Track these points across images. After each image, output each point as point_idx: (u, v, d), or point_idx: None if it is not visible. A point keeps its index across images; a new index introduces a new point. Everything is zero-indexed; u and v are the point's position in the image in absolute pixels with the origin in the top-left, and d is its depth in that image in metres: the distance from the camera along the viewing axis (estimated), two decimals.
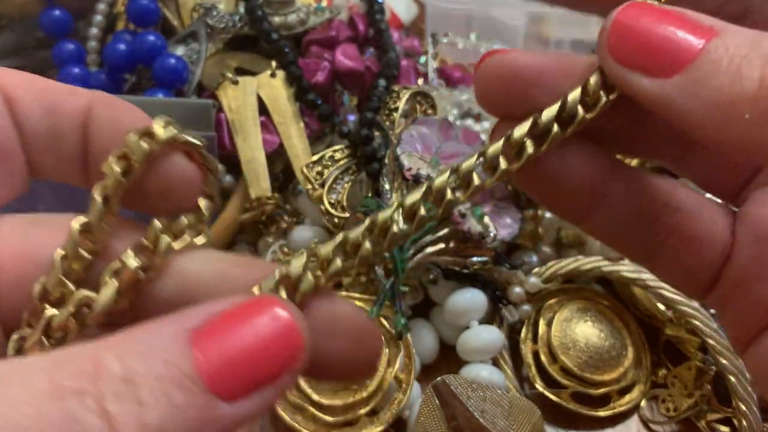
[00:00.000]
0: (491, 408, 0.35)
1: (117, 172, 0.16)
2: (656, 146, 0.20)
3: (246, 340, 0.14)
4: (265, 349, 0.14)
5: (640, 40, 0.17)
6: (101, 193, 0.16)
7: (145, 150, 0.16)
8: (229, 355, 0.14)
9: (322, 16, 0.49)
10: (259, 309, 0.14)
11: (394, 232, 0.17)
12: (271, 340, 0.14)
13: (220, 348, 0.14)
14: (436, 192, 0.17)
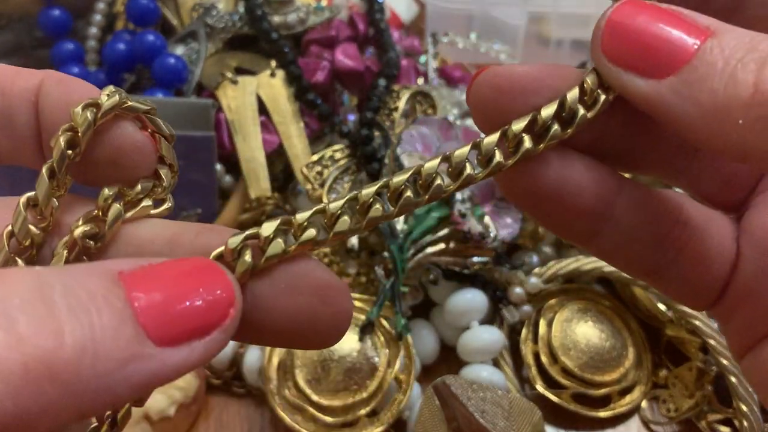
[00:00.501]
0: (492, 409, 0.35)
1: (62, 145, 0.15)
2: (657, 159, 0.19)
3: (176, 289, 0.14)
4: (195, 300, 0.14)
5: (635, 40, 0.16)
6: (48, 167, 0.16)
7: (88, 120, 0.15)
8: (157, 300, 0.13)
9: (322, 15, 0.49)
10: (192, 264, 0.14)
11: (377, 212, 0.16)
12: (202, 292, 0.14)
13: (150, 291, 0.13)
14: (425, 176, 0.16)
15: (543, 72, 0.18)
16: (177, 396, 0.37)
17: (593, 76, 0.17)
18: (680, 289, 0.19)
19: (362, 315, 0.37)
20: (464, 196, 0.38)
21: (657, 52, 0.16)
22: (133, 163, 0.17)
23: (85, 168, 0.17)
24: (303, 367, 0.36)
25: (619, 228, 0.18)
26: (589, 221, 0.18)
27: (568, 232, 0.19)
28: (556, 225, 0.19)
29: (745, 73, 0.15)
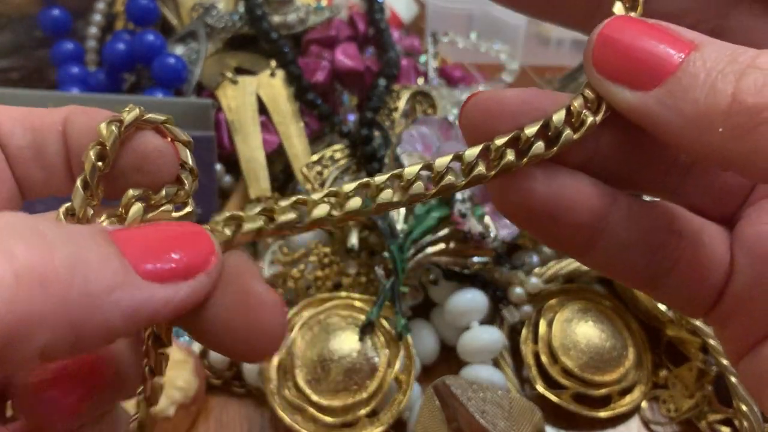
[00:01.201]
0: (492, 409, 0.35)
1: (92, 158, 0.17)
2: (650, 178, 0.19)
3: (160, 239, 0.16)
4: (178, 249, 0.15)
5: (623, 53, 0.17)
6: (81, 179, 0.17)
7: (113, 133, 0.17)
8: (142, 245, 0.15)
9: (322, 15, 0.49)
10: (177, 225, 0.17)
11: (356, 208, 0.17)
12: (185, 244, 0.16)
13: (135, 239, 0.15)
14: (406, 180, 0.17)
15: (533, 96, 0.18)
16: (177, 396, 0.37)
17: (581, 99, 0.17)
18: (676, 298, 0.20)
19: (362, 315, 0.37)
20: (464, 196, 0.38)
21: (643, 64, 0.16)
22: (157, 168, 0.19)
23: (114, 180, 0.18)
24: (303, 368, 0.36)
25: (613, 240, 0.18)
26: (583, 235, 0.18)
27: (562, 245, 0.19)
28: (549, 239, 0.19)
29: (725, 84, 0.15)
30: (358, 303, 0.38)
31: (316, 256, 0.40)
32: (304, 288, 0.40)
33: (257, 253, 0.44)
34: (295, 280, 0.40)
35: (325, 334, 0.37)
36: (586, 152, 0.18)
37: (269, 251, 0.41)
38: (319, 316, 0.37)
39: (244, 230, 0.17)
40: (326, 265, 0.40)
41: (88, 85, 0.46)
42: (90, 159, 0.17)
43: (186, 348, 0.39)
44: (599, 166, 0.18)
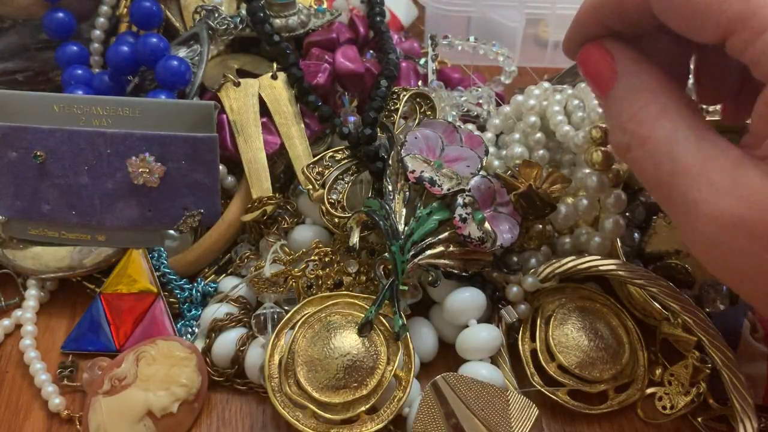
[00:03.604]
0: (490, 406, 0.36)
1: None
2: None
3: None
4: None
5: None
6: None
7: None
8: None
9: (323, 18, 0.50)
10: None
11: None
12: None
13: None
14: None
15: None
16: (180, 393, 0.38)
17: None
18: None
19: (362, 314, 0.38)
20: (465, 201, 0.38)
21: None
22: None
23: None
24: (304, 365, 0.36)
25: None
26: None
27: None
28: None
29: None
30: (359, 302, 0.39)
31: (317, 255, 0.41)
32: (306, 287, 0.40)
33: (259, 252, 0.44)
34: (297, 278, 0.40)
35: (326, 332, 0.37)
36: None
37: (271, 250, 0.41)
38: (320, 314, 0.38)
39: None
40: (327, 264, 0.41)
41: (93, 87, 0.46)
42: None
43: (189, 346, 0.39)
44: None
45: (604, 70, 0.30)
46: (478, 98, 0.51)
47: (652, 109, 0.27)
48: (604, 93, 0.30)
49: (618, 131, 0.28)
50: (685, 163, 0.25)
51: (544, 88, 0.47)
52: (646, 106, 0.27)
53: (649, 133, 0.26)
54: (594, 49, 0.31)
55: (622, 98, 0.28)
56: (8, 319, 0.43)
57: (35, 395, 0.40)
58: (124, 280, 0.42)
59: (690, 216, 0.25)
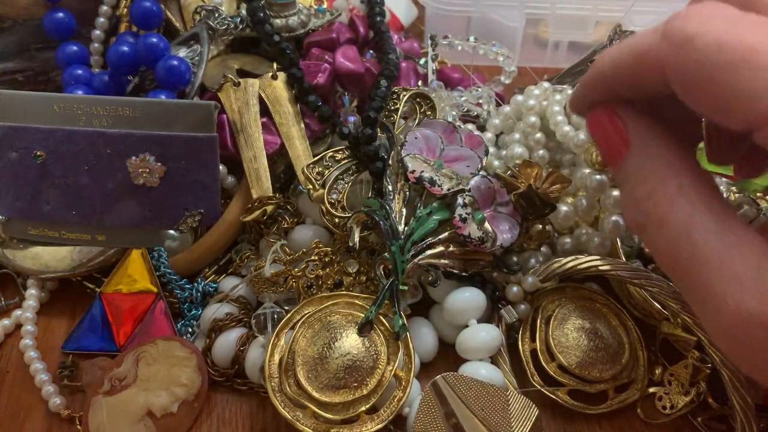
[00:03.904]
0: (489, 405, 0.36)
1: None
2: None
3: None
4: None
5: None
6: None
7: None
8: None
9: (323, 18, 0.50)
10: None
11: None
12: None
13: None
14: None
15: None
16: (180, 393, 0.38)
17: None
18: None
19: (362, 313, 0.38)
20: (465, 201, 0.38)
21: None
22: None
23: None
24: (304, 365, 0.36)
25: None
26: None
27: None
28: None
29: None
30: (359, 302, 0.39)
31: (317, 255, 0.41)
32: (306, 287, 0.40)
33: (259, 252, 0.44)
34: (297, 278, 0.40)
35: (326, 331, 0.37)
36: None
37: (271, 250, 0.41)
38: (320, 314, 0.38)
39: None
40: (327, 264, 0.41)
41: (93, 87, 0.46)
42: None
43: (189, 345, 0.39)
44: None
45: (615, 138, 0.28)
46: (478, 98, 0.51)
47: (668, 189, 0.25)
48: (614, 163, 0.28)
49: (632, 208, 0.26)
50: (705, 252, 0.23)
51: (544, 88, 0.47)
52: (662, 185, 0.25)
53: (667, 215, 0.25)
54: (604, 114, 0.28)
55: (636, 172, 0.26)
56: (8, 319, 0.43)
57: (35, 395, 0.40)
58: (124, 280, 0.42)
59: (711, 307, 0.23)
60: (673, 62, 0.24)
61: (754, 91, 0.21)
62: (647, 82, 0.26)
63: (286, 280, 0.40)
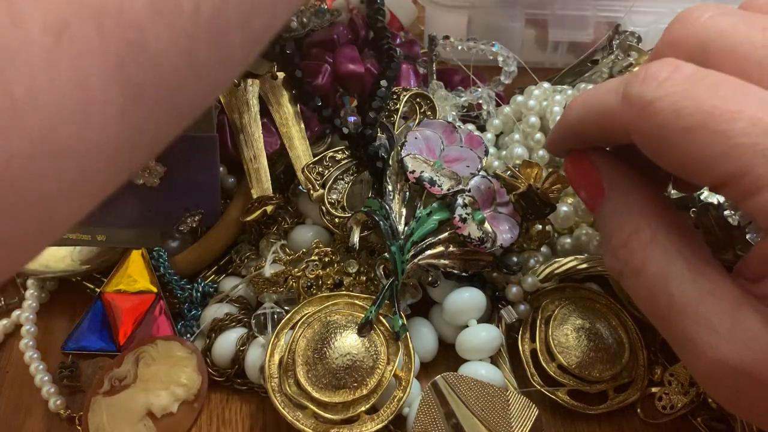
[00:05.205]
0: (489, 405, 0.36)
1: None
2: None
3: None
4: None
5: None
6: None
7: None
8: None
9: (323, 18, 0.50)
10: None
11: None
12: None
13: None
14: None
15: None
16: (180, 393, 0.38)
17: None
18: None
19: (363, 314, 0.38)
20: (465, 201, 0.38)
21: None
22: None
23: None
24: (304, 365, 0.36)
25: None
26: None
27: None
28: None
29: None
30: (359, 302, 0.39)
31: (317, 255, 0.41)
32: (306, 287, 0.40)
33: (259, 252, 0.44)
34: (297, 279, 0.40)
35: (326, 331, 0.37)
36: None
37: (271, 250, 0.41)
38: (320, 314, 0.38)
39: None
40: (327, 264, 0.41)
41: None
42: None
43: (189, 346, 0.39)
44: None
45: (590, 185, 0.29)
46: (478, 98, 0.51)
47: (642, 237, 0.26)
48: (593, 209, 0.29)
49: (610, 255, 0.27)
50: (681, 302, 0.24)
51: (544, 88, 0.47)
52: (636, 233, 0.26)
53: (642, 265, 0.25)
54: (579, 161, 0.29)
55: (611, 219, 0.27)
56: (8, 319, 0.43)
57: (35, 395, 0.40)
58: (124, 280, 0.42)
59: (690, 354, 0.24)
60: (634, 126, 0.24)
61: (713, 155, 0.22)
62: (614, 137, 0.26)
63: (286, 280, 0.40)
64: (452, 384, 0.36)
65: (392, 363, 0.37)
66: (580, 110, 0.28)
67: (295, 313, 0.38)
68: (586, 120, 0.28)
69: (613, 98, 0.25)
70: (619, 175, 0.28)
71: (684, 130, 0.22)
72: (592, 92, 0.27)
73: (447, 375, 0.37)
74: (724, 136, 0.21)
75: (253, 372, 0.39)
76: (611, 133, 0.26)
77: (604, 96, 0.26)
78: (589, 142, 0.29)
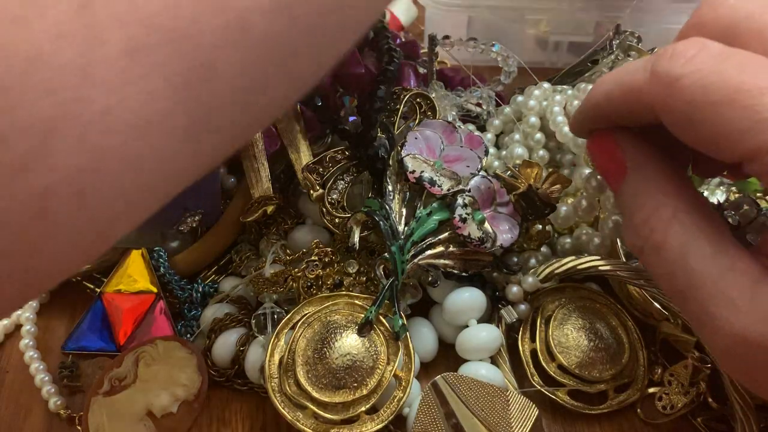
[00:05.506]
0: (489, 406, 0.36)
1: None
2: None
3: None
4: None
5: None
6: None
7: None
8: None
9: None
10: None
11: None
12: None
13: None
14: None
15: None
16: (179, 393, 0.38)
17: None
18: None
19: (363, 314, 0.38)
20: (465, 201, 0.38)
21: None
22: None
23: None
24: (304, 365, 0.36)
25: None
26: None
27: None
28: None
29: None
30: (359, 302, 0.39)
31: (317, 255, 0.41)
32: (306, 287, 0.40)
33: (259, 252, 0.44)
34: (297, 279, 0.40)
35: (326, 332, 0.37)
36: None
37: (271, 250, 0.41)
38: (320, 314, 0.38)
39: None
40: (327, 264, 0.41)
41: None
42: None
43: (189, 346, 0.39)
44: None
45: (613, 164, 0.29)
46: (478, 98, 0.51)
47: (664, 214, 0.26)
48: (614, 188, 0.29)
49: (631, 232, 0.27)
50: (701, 277, 0.24)
51: (544, 89, 0.47)
52: (658, 211, 0.26)
53: (663, 241, 0.26)
54: (602, 140, 0.30)
55: (633, 198, 0.27)
56: (8, 319, 0.43)
57: (35, 395, 0.40)
58: (124, 280, 0.42)
59: (708, 330, 0.24)
60: (661, 103, 0.24)
61: (741, 129, 0.22)
62: (639, 115, 0.27)
63: (286, 280, 0.40)
64: (452, 384, 0.36)
65: (392, 363, 0.37)
66: (607, 88, 0.28)
67: (295, 313, 0.38)
68: (613, 98, 0.28)
69: (641, 75, 0.25)
70: (641, 154, 0.28)
71: (711, 105, 0.22)
72: (620, 70, 0.28)
73: (447, 375, 0.37)
74: (752, 110, 0.22)
75: (253, 372, 0.39)
76: (637, 111, 0.27)
77: (631, 73, 0.26)
78: (614, 121, 0.29)
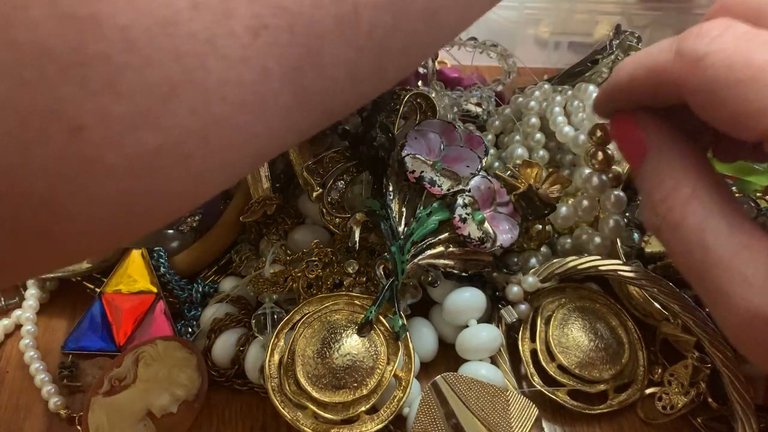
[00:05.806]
0: (489, 406, 0.36)
1: None
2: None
3: None
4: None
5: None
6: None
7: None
8: None
9: None
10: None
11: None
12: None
13: None
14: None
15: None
16: (180, 393, 0.38)
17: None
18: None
19: (362, 314, 0.38)
20: (465, 201, 0.38)
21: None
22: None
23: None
24: (304, 365, 0.36)
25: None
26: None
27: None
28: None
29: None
30: (359, 301, 0.39)
31: (317, 255, 0.41)
32: (306, 287, 0.40)
33: (259, 252, 0.44)
34: (297, 278, 0.40)
35: (326, 332, 0.37)
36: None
37: (271, 250, 0.41)
38: (319, 314, 0.38)
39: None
40: (327, 264, 0.41)
41: None
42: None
43: (189, 346, 0.39)
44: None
45: (634, 144, 0.29)
46: (478, 98, 0.51)
47: (682, 193, 0.26)
48: (634, 167, 0.30)
49: (649, 210, 0.28)
50: (717, 254, 0.25)
51: (544, 89, 0.47)
52: (677, 189, 0.27)
53: (681, 219, 0.26)
54: (624, 121, 0.30)
55: (652, 176, 0.28)
56: (8, 319, 0.43)
57: (35, 395, 0.40)
58: (124, 280, 0.42)
59: (722, 307, 0.24)
60: (686, 81, 0.25)
61: (763, 108, 0.22)
62: (663, 95, 0.27)
63: (286, 280, 0.40)
64: (452, 384, 0.36)
65: (392, 363, 0.37)
66: (631, 68, 0.29)
67: (295, 313, 0.38)
68: (637, 77, 0.28)
69: (666, 55, 0.26)
70: (662, 133, 0.29)
71: (735, 83, 0.23)
72: (643, 52, 0.28)
73: (447, 375, 0.37)
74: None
75: (253, 372, 0.39)
76: (661, 91, 0.27)
77: (656, 53, 0.27)
78: (637, 102, 0.30)
